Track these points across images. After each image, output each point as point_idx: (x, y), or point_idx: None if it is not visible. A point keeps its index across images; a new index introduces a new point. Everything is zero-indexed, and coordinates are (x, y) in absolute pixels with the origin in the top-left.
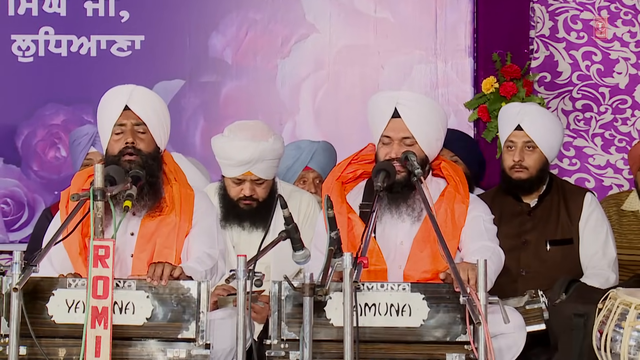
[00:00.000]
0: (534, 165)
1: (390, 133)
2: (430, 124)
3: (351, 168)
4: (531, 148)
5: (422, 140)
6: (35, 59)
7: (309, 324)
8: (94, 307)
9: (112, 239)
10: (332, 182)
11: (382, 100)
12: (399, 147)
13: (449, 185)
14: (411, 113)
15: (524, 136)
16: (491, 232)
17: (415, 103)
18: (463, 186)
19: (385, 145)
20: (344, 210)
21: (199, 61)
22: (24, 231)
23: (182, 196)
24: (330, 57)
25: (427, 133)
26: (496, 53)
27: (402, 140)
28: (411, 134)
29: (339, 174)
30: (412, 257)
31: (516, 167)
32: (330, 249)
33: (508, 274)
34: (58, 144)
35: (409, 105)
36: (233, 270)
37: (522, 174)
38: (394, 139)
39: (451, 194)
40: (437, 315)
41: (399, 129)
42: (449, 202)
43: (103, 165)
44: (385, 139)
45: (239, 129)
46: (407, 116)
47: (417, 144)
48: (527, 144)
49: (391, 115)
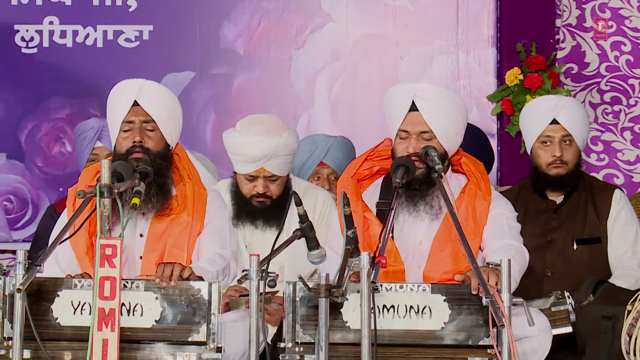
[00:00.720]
0: (572, 159)
1: (407, 127)
2: (449, 117)
3: (367, 165)
4: (568, 142)
5: (441, 135)
6: (40, 50)
7: (325, 326)
8: (100, 308)
9: (119, 238)
10: (347, 179)
11: (398, 93)
12: (417, 141)
13: (470, 182)
14: (429, 106)
15: (561, 130)
16: (514, 230)
17: (434, 96)
18: (484, 182)
19: (403, 140)
20: (360, 209)
21: (210, 52)
22: (27, 229)
23: (195, 195)
24: (347, 48)
25: (446, 127)
26: (520, 43)
27: (420, 135)
28: (429, 128)
29: (354, 171)
30: (432, 257)
31: (556, 162)
32: (347, 248)
33: (533, 275)
34: (63, 138)
35: (427, 98)
36: (245, 270)
37: (562, 170)
38: (412, 134)
39: (472, 191)
40: (458, 317)
41: (416, 122)
42: (469, 199)
43: (110, 161)
44: (403, 134)
45: (252, 124)
46: (425, 109)
47: (436, 139)
48: (565, 138)
49: (408, 108)
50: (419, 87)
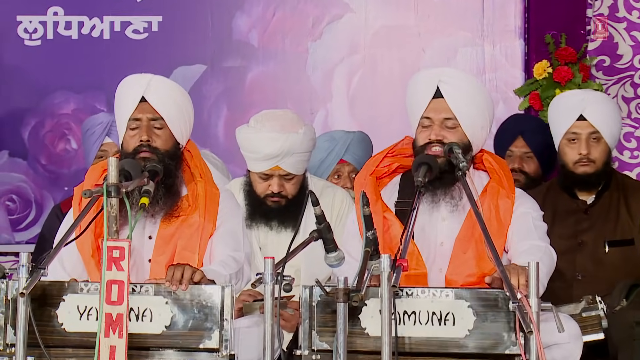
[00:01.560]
0: (600, 157)
1: (430, 114)
2: (475, 106)
3: (386, 162)
4: (596, 139)
5: (466, 123)
6: (43, 42)
7: (343, 333)
8: (107, 314)
9: (127, 240)
10: (366, 177)
11: (422, 79)
12: (440, 129)
13: (492, 180)
14: (454, 92)
15: (588, 126)
16: (541, 230)
17: (460, 81)
18: (508, 180)
19: (425, 128)
20: (379, 209)
21: (222, 44)
22: (31, 231)
23: (207, 195)
24: (366, 40)
25: (471, 116)
26: (549, 34)
27: (443, 122)
28: (454, 115)
29: (373, 169)
30: (454, 259)
31: (582, 160)
32: (366, 250)
33: (562, 278)
34: (68, 135)
35: (453, 83)
36: (260, 273)
37: (589, 168)
38: (435, 121)
39: (494, 189)
40: (483, 324)
41: (440, 109)
42: (492, 197)
43: (118, 159)
44: (425, 121)
45: (266, 119)
46: (450, 95)
47: (460, 127)
48: (592, 135)
49: (432, 95)
50: (445, 71)
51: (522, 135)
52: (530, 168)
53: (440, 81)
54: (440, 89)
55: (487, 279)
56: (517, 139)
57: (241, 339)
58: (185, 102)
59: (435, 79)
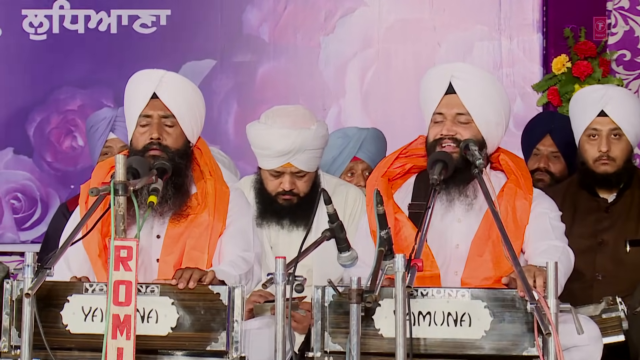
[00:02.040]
0: (621, 155)
1: (443, 109)
2: (490, 102)
3: (399, 162)
4: (617, 136)
5: (479, 119)
6: (49, 37)
7: (357, 334)
8: (115, 315)
9: (135, 239)
10: (378, 178)
11: (434, 75)
12: (452, 124)
13: (509, 180)
14: (467, 87)
15: (609, 123)
16: (558, 230)
17: (472, 76)
18: (525, 180)
19: (437, 124)
20: (391, 210)
21: (232, 38)
22: (36, 230)
23: (217, 193)
24: (380, 34)
25: (485, 112)
26: (568, 28)
27: (455, 118)
28: (466, 110)
29: (385, 170)
30: (470, 262)
31: (602, 158)
32: (380, 249)
33: (582, 279)
34: (74, 131)
35: (465, 78)
36: (271, 274)
37: (609, 167)
38: (447, 116)
39: (512, 190)
40: (500, 325)
41: (453, 104)
42: (509, 198)
43: (125, 156)
44: (438, 117)
45: (277, 115)
46: (462, 91)
47: (473, 123)
48: (613, 132)
49: (445, 90)
50: (457, 67)
51: (551, 133)
52: (556, 168)
53: (453, 76)
54: (453, 85)
55: (504, 279)
56: (545, 137)
57: (252, 341)
58: (198, 99)
59: (448, 74)
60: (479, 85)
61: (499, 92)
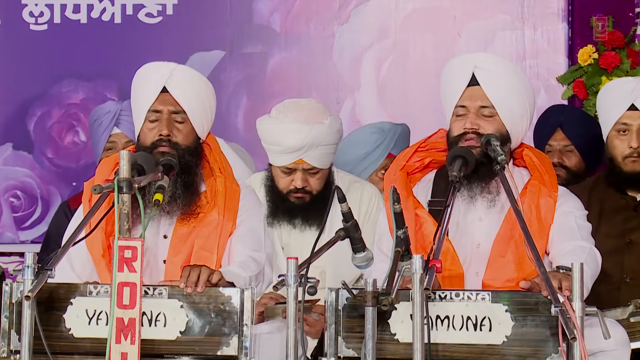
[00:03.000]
0: None
1: (465, 102)
2: (515, 93)
3: (418, 156)
4: None
5: (504, 112)
6: (50, 27)
7: (372, 339)
8: (119, 318)
9: (140, 239)
10: (396, 172)
11: (456, 66)
12: (476, 117)
13: (533, 177)
14: (491, 78)
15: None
16: (585, 231)
17: (496, 67)
18: (550, 177)
19: (459, 117)
20: (411, 206)
21: (242, 28)
22: (37, 229)
23: (227, 191)
24: (397, 23)
25: (510, 104)
26: (595, 17)
27: (479, 110)
28: (490, 103)
29: (403, 163)
30: (492, 262)
31: (633, 155)
32: (396, 250)
33: (609, 281)
34: (76, 126)
35: (489, 69)
36: (282, 275)
37: (639, 165)
38: (470, 109)
39: (536, 187)
40: (523, 329)
41: (476, 97)
42: (533, 196)
43: (130, 152)
44: (460, 110)
45: (289, 109)
46: (486, 82)
47: (498, 116)
48: None
49: (467, 82)
50: (480, 57)
51: (561, 127)
52: (571, 162)
53: (476, 67)
54: (476, 76)
55: (524, 283)
56: (556, 132)
57: (262, 346)
58: (210, 94)
59: (471, 65)
60: (503, 77)
61: (524, 84)
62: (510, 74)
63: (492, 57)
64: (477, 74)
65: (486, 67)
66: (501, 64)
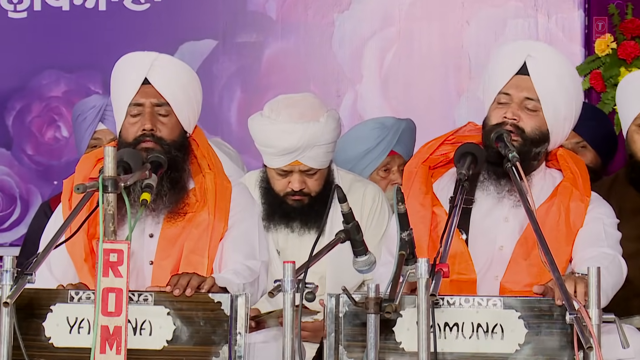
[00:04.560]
0: None
1: (511, 90)
2: (564, 91)
3: (443, 149)
4: None
5: (549, 109)
6: (30, 15)
7: (375, 348)
8: (103, 326)
9: (126, 241)
10: (418, 165)
11: (508, 52)
12: (518, 108)
13: (565, 179)
14: (543, 70)
15: None
16: (612, 239)
17: (551, 60)
18: (583, 181)
19: (501, 105)
20: (429, 203)
21: (235, 16)
22: (15, 231)
23: (217, 189)
24: (402, 11)
25: (556, 102)
26: (613, 4)
27: (523, 102)
28: (537, 96)
29: (426, 156)
30: (512, 265)
31: None
32: (400, 253)
33: (628, 287)
34: (58, 121)
35: (543, 60)
36: (278, 280)
37: None
38: (514, 98)
39: (567, 189)
40: (536, 338)
41: (523, 87)
42: (563, 199)
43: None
44: (503, 97)
45: (282, 107)
46: (537, 73)
47: (541, 112)
48: None
49: (517, 70)
50: (536, 46)
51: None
52: (586, 159)
53: (529, 56)
54: (527, 65)
55: (537, 288)
56: None
57: (256, 356)
58: (194, 84)
59: (524, 52)
60: (556, 72)
61: (576, 84)
62: (564, 71)
63: (549, 49)
64: (529, 63)
65: (540, 58)
66: (556, 57)
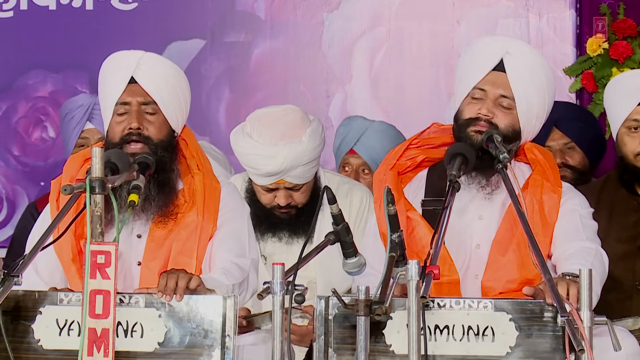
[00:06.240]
0: None
1: (486, 86)
2: (539, 91)
3: (409, 154)
4: None
5: (522, 107)
6: (16, 14)
7: (365, 350)
8: (91, 329)
9: (114, 243)
10: (386, 171)
11: (486, 46)
12: (493, 105)
13: (535, 172)
14: (520, 69)
15: None
16: (590, 230)
17: (529, 59)
18: (553, 172)
19: (476, 100)
20: (402, 208)
21: (224, 16)
22: (2, 233)
23: (206, 189)
24: (392, 10)
25: (530, 101)
26: (605, 4)
27: (497, 100)
28: (512, 94)
29: (394, 162)
30: (491, 263)
31: None
32: (391, 255)
33: (620, 288)
34: (45, 121)
35: (521, 59)
36: (267, 282)
37: None
38: (489, 95)
39: (537, 182)
40: (528, 340)
41: (499, 83)
42: (535, 191)
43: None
44: (478, 92)
45: (263, 126)
46: (514, 71)
47: (515, 110)
48: None
49: (493, 66)
50: (513, 43)
51: (557, 125)
52: (574, 160)
53: (507, 53)
54: (505, 62)
55: (527, 289)
56: (553, 131)
57: (246, 359)
58: (182, 83)
59: (502, 49)
60: (532, 71)
61: (550, 84)
62: (540, 70)
63: (526, 48)
64: (506, 60)
65: (518, 56)
66: (533, 57)
